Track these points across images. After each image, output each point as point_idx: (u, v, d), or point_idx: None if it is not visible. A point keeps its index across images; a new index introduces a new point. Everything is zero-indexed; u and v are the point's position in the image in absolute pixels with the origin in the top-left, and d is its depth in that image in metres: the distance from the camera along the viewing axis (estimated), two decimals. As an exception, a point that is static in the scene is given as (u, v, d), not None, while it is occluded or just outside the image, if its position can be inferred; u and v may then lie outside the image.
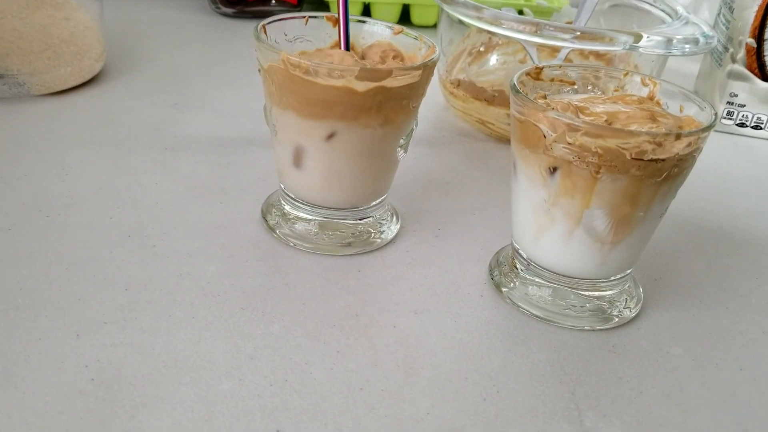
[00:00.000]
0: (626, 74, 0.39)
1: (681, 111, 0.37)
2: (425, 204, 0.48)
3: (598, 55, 0.62)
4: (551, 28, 0.49)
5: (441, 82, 0.60)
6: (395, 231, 0.44)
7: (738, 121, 0.62)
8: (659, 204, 0.35)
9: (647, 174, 0.33)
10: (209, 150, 0.51)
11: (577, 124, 0.32)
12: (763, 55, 0.59)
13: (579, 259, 0.36)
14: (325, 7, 0.80)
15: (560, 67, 0.39)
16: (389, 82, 0.37)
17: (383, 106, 0.38)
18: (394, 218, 0.45)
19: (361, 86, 0.37)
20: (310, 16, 0.43)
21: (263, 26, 0.40)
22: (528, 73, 0.38)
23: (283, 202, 0.43)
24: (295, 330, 0.36)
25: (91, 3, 0.59)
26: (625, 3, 0.63)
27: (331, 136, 0.38)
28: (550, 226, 0.36)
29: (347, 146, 0.39)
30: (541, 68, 0.38)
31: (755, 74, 0.60)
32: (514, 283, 0.39)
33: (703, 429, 0.32)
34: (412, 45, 0.42)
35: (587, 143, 0.32)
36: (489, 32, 0.58)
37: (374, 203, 0.43)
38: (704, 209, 0.52)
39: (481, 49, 0.64)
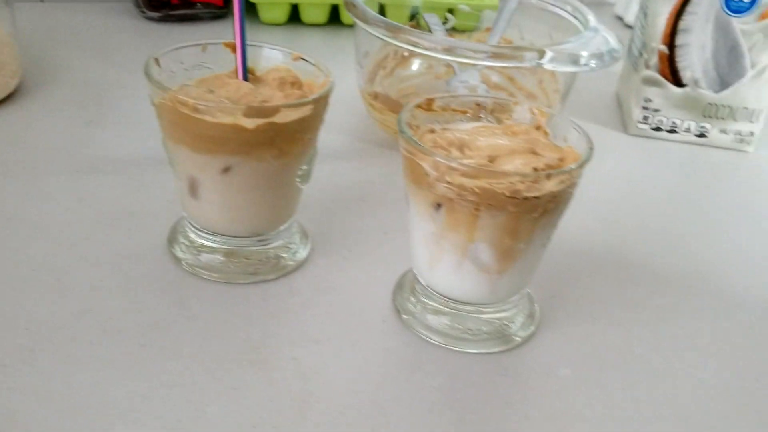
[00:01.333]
0: (516, 103, 0.40)
1: (565, 141, 0.38)
2: (338, 223, 0.49)
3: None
4: (464, 49, 0.50)
5: (360, 92, 0.60)
6: (305, 254, 0.45)
7: (654, 125, 0.63)
8: (540, 236, 0.36)
9: (524, 210, 0.34)
10: (122, 171, 0.51)
11: (453, 165, 0.33)
12: (676, 62, 0.60)
13: (470, 287, 0.38)
14: (253, 8, 0.79)
15: (452, 96, 0.40)
16: (280, 118, 0.38)
17: (276, 141, 0.38)
18: (304, 241, 0.46)
19: (250, 123, 0.37)
20: (207, 43, 0.43)
21: (156, 59, 0.40)
22: (419, 106, 0.39)
23: (188, 230, 0.43)
24: (193, 366, 0.36)
25: (4, 16, 0.58)
26: (541, 7, 0.63)
27: (226, 170, 0.39)
28: (440, 256, 0.37)
29: (243, 179, 0.39)
30: (432, 99, 0.39)
31: (668, 80, 0.61)
32: (415, 307, 0.41)
33: (581, 451, 0.34)
34: (310, 72, 0.42)
35: (465, 183, 0.33)
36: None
37: (280, 229, 0.44)
38: (609, 219, 0.53)
39: (405, 54, 0.65)
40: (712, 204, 0.56)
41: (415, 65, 0.65)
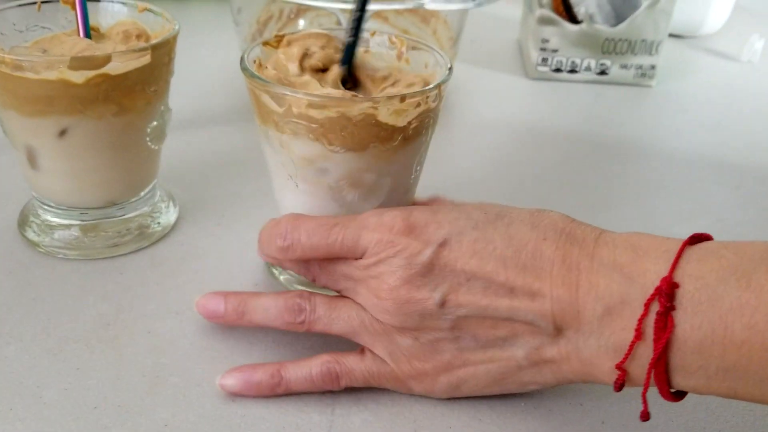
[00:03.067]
0: (373, 34, 0.37)
1: (426, 67, 0.35)
2: (213, 188, 0.45)
3: (411, 10, 0.60)
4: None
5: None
6: (171, 222, 0.41)
7: (554, 67, 0.61)
8: (403, 169, 0.33)
9: (383, 138, 0.31)
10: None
11: (299, 96, 0.30)
12: (568, -3, 0.58)
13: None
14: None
15: (306, 33, 0.37)
16: (113, 69, 0.34)
17: (112, 95, 0.34)
18: (170, 208, 0.42)
19: (79, 77, 0.33)
20: (42, 2, 0.39)
21: (-23, 18, 0.36)
22: (267, 43, 0.35)
23: (38, 209, 0.39)
24: (33, 350, 0.32)
25: None
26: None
27: (62, 133, 0.35)
28: (303, 199, 0.34)
29: (82, 141, 0.35)
30: (282, 36, 0.36)
31: (563, 17, 0.59)
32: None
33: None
34: (157, 22, 0.39)
35: (313, 115, 0.30)
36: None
37: (142, 195, 0.40)
38: (503, 162, 0.51)
39: (292, 16, 0.61)
40: (616, 141, 0.54)
41: (301, 24, 0.62)
